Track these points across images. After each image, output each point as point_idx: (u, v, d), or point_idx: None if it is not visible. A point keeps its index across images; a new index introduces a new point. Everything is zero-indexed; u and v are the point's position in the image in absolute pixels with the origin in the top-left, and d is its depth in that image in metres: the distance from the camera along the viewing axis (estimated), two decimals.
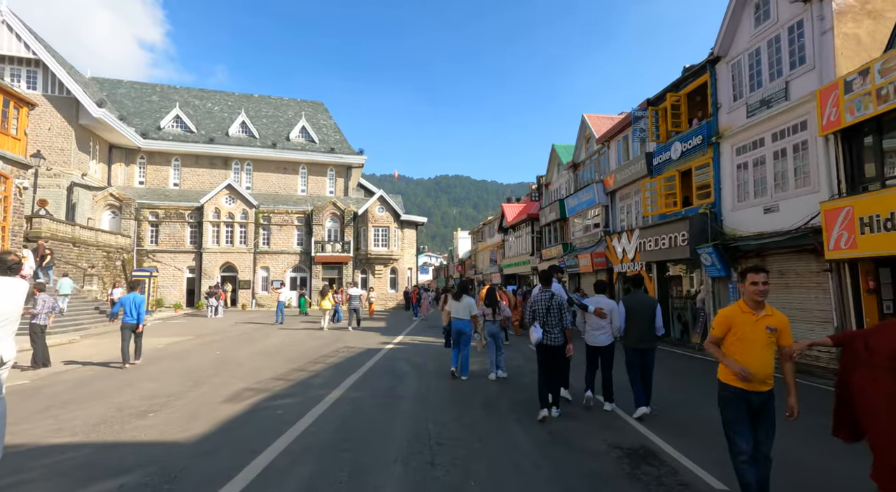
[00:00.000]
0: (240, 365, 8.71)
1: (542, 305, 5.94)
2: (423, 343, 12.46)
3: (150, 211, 29.28)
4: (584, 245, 20.93)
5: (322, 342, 12.26)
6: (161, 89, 36.94)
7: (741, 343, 3.37)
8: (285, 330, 16.02)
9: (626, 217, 18.00)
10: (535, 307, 5.97)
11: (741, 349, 3.35)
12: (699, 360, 10.72)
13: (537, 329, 5.80)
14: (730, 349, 3.41)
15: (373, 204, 32.53)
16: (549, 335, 5.76)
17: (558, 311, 5.87)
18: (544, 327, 5.80)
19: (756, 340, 3.33)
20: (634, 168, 16.54)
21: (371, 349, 10.91)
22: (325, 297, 18.20)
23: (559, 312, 5.86)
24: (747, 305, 3.41)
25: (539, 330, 5.79)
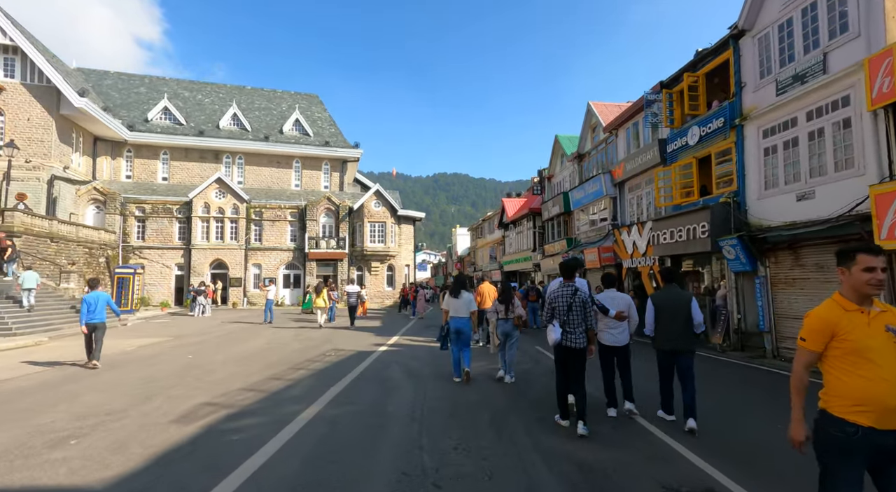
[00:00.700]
0: (209, 372, 7.62)
1: (562, 302, 5.10)
2: (419, 345, 11.38)
3: (136, 206, 28.11)
4: (590, 240, 19.86)
5: (309, 344, 11.18)
6: (149, 81, 35.71)
7: (859, 357, 2.22)
8: (274, 330, 14.93)
9: (637, 209, 16.93)
10: (555, 304, 5.15)
11: (861, 366, 2.21)
12: (725, 363, 9.66)
13: (556, 329, 5.02)
14: (838, 370, 2.29)
15: (369, 199, 31.41)
16: (570, 336, 4.98)
17: (582, 309, 5.04)
18: (564, 327, 5.02)
19: (881, 348, 2.20)
20: (646, 156, 15.46)
21: (362, 352, 9.83)
22: (320, 294, 17.22)
23: (583, 310, 5.04)
24: (850, 300, 2.33)
25: (558, 330, 5.02)
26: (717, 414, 5.46)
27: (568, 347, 4.98)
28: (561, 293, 5.16)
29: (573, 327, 4.98)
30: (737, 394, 6.78)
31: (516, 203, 33.17)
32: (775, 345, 10.37)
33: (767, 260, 10.65)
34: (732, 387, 7.33)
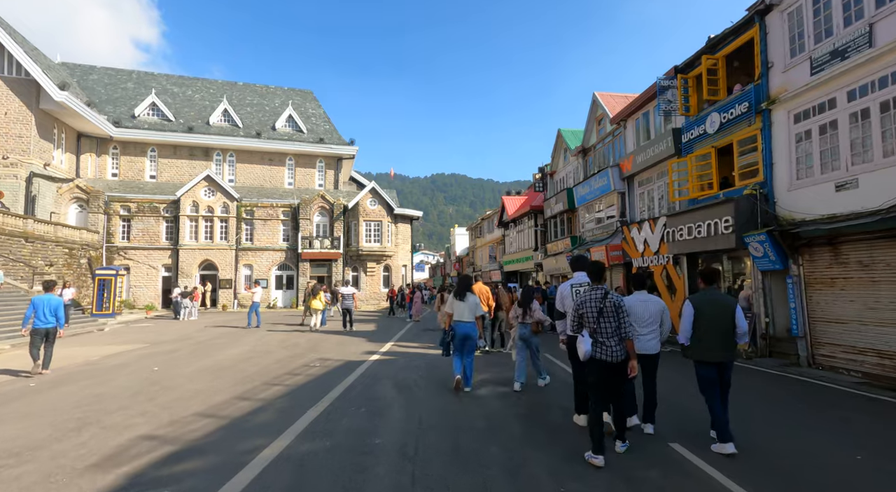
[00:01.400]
0: (169, 389, 6.54)
1: (591, 307, 4.27)
2: (414, 352, 10.30)
3: (121, 204, 26.96)
4: (596, 238, 18.82)
5: (294, 352, 10.09)
6: (137, 76, 34.57)
7: None
8: (260, 335, 13.84)
9: (648, 205, 15.89)
10: (583, 310, 4.32)
11: None
12: (754, 372, 8.61)
13: (586, 340, 4.22)
14: None
15: (364, 197, 30.34)
16: (603, 348, 4.19)
17: (615, 315, 4.23)
18: (595, 337, 4.23)
19: None
20: (658, 148, 14.42)
21: (351, 363, 8.75)
22: (317, 296, 16.20)
23: (616, 317, 4.22)
24: None
25: (588, 341, 4.21)
26: (754, 427, 4.41)
27: (603, 362, 4.15)
28: (589, 297, 4.32)
29: (606, 337, 4.17)
30: (773, 405, 5.73)
31: (517, 201, 32.13)
32: (811, 352, 9.33)
33: (801, 257, 9.62)
34: (774, 401, 6.29)
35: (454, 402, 5.88)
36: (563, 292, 5.01)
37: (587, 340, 4.18)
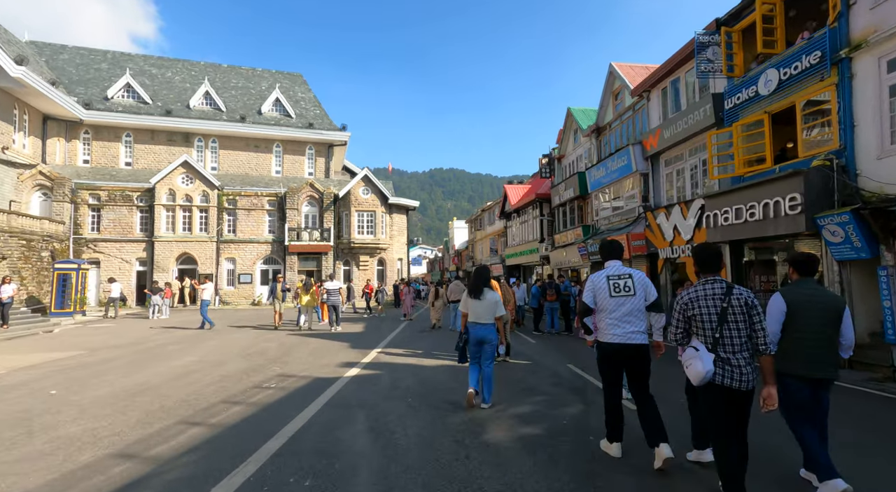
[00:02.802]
0: (44, 430, 4.48)
1: (709, 309, 3.06)
2: (406, 364, 8.21)
3: (90, 193, 24.74)
4: (613, 226, 16.74)
5: (251, 365, 7.99)
6: (112, 56, 32.19)
7: None
8: (224, 338, 11.76)
9: (676, 186, 13.80)
10: (694, 312, 3.12)
11: None
12: (836, 388, 6.55)
13: (703, 355, 2.99)
14: None
15: (356, 185, 28.17)
16: (728, 368, 2.95)
17: (746, 318, 3.00)
18: (716, 350, 3.00)
19: None
20: (693, 118, 12.30)
21: (319, 382, 6.65)
22: (309, 291, 14.28)
23: (748, 321, 3.00)
24: None
25: (708, 357, 2.98)
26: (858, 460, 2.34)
27: (730, 390, 2.95)
28: (704, 294, 3.11)
29: (733, 351, 2.99)
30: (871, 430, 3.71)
31: (520, 190, 30.02)
32: None
33: None
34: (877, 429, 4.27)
35: (456, 457, 3.80)
36: (596, 284, 3.91)
37: (706, 357, 2.96)
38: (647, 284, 3.84)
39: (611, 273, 3.90)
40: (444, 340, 11.47)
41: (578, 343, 11.25)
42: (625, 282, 3.80)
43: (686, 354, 3.11)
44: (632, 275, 3.84)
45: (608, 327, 3.78)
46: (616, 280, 3.83)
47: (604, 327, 3.82)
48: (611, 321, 3.76)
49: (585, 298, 3.94)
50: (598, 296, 3.86)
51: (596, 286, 3.89)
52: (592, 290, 3.90)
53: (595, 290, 3.89)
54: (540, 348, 10.36)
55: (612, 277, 3.86)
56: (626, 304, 3.73)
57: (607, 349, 3.79)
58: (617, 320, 3.73)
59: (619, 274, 3.86)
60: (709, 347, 3.03)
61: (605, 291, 3.82)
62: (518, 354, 9.05)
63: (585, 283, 4.11)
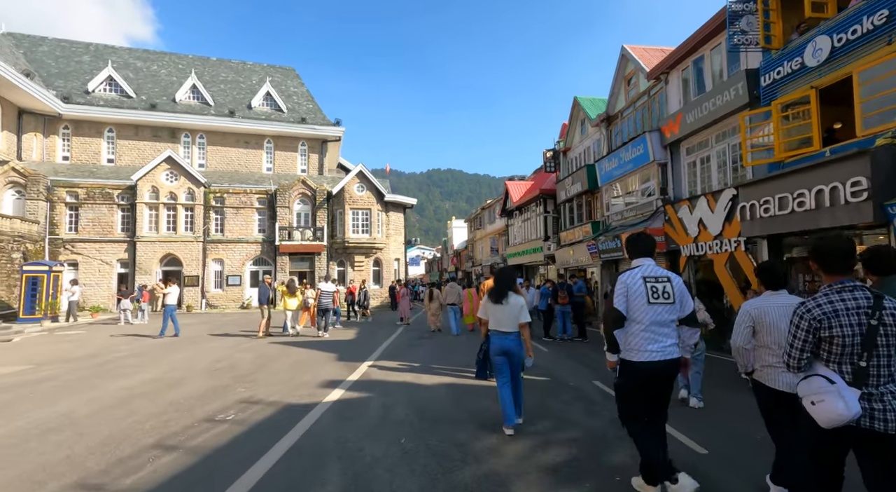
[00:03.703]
0: None
1: (852, 328, 2.18)
2: (401, 383, 6.87)
3: (67, 190, 23.31)
4: (627, 222, 15.44)
5: (214, 385, 6.64)
6: (95, 49, 30.78)
7: None
8: (195, 350, 10.41)
9: (701, 176, 12.50)
10: (833, 332, 2.20)
11: None
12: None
13: (844, 392, 2.13)
14: None
15: (350, 181, 26.81)
16: (879, 406, 2.12)
17: None
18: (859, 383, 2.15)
19: None
20: (721, 99, 11.00)
21: (291, 410, 5.30)
22: (295, 294, 12.99)
23: None
24: None
25: (851, 394, 2.12)
26: None
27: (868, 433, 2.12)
28: (845, 307, 2.19)
29: (878, 384, 2.13)
30: None
31: (522, 186, 28.71)
32: None
33: None
34: None
35: None
36: (630, 287, 3.11)
37: (847, 394, 2.10)
38: (684, 293, 3.16)
39: (647, 274, 3.15)
40: (445, 349, 10.14)
41: (597, 351, 9.93)
42: (664, 286, 3.10)
43: (813, 387, 2.22)
44: (670, 278, 3.15)
45: (643, 342, 3.03)
46: (654, 283, 3.09)
47: (636, 343, 3.06)
48: (647, 335, 3.03)
49: (618, 304, 3.11)
50: (633, 302, 3.08)
51: (631, 290, 3.10)
52: (626, 294, 3.11)
53: (630, 294, 3.09)
54: (555, 358, 9.03)
55: (650, 279, 3.12)
56: (664, 314, 3.05)
57: (641, 371, 3.04)
58: (655, 333, 3.03)
59: (656, 276, 3.14)
60: (847, 378, 2.18)
61: (643, 296, 3.06)
62: (534, 368, 7.71)
63: (617, 284, 3.25)
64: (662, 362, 3.00)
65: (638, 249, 3.32)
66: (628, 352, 3.08)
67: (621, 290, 3.13)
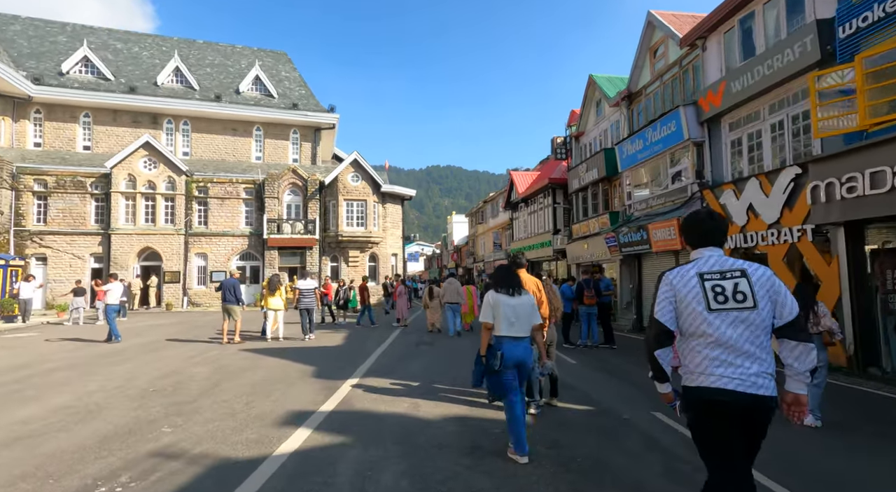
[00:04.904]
0: None
1: None
2: (393, 414, 5.07)
3: (34, 178, 21.42)
4: (654, 211, 13.64)
5: (133, 419, 4.81)
6: (72, 29, 28.78)
7: None
8: (143, 361, 8.60)
9: (748, 155, 10.68)
10: None
11: None
12: None
13: None
14: None
15: (344, 170, 24.95)
16: None
17: None
18: None
19: None
20: (781, 59, 9.17)
21: (220, 474, 3.49)
22: (277, 292, 11.37)
23: None
24: None
25: None
26: None
27: None
28: None
29: None
30: None
31: (528, 177, 26.89)
32: None
33: None
34: None
35: None
36: (678, 289, 2.17)
37: None
38: (776, 288, 2.08)
39: (706, 269, 2.15)
40: (448, 359, 8.35)
41: (635, 363, 8.13)
42: (734, 283, 2.08)
43: None
44: (745, 271, 2.10)
45: (708, 365, 2.06)
46: (717, 281, 2.10)
47: (696, 364, 2.11)
48: (714, 355, 2.05)
49: (661, 315, 2.15)
50: (684, 310, 2.12)
51: (679, 292, 2.15)
52: (672, 298, 2.16)
53: (677, 299, 2.15)
54: (589, 375, 7.24)
55: (710, 275, 2.12)
56: (739, 323, 2.03)
57: (705, 403, 2.05)
58: (727, 354, 2.02)
59: (721, 270, 2.13)
60: None
61: (699, 300, 2.09)
62: (565, 388, 5.90)
63: (659, 286, 2.25)
64: (741, 396, 2.00)
65: (701, 235, 2.28)
66: (689, 375, 2.17)
67: (666, 294, 2.20)
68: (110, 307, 10.83)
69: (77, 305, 15.12)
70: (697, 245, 2.27)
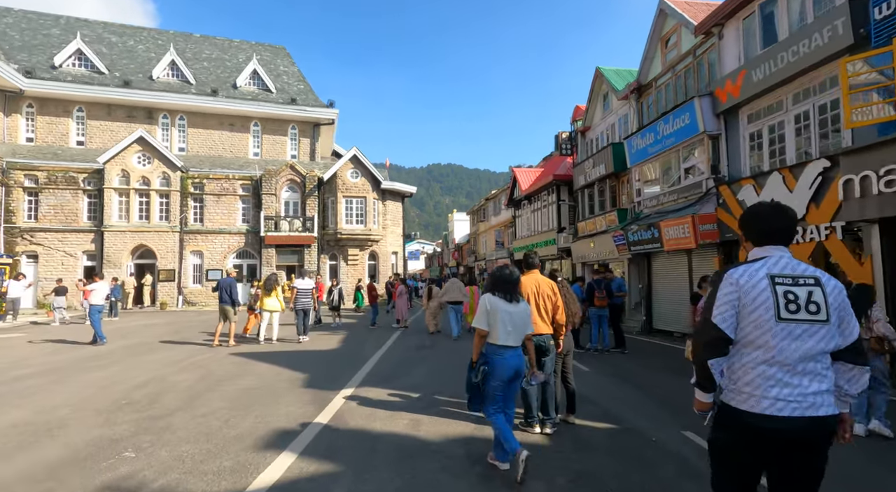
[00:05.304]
0: None
1: None
2: (391, 434, 4.52)
3: (25, 173, 20.86)
4: (666, 208, 13.05)
5: (98, 437, 4.25)
6: (66, 21, 28.20)
7: None
8: (120, 366, 8.05)
9: (769, 148, 10.08)
10: None
11: None
12: None
13: None
14: None
15: (343, 166, 24.36)
16: None
17: None
18: None
19: None
20: (810, 44, 8.56)
21: None
22: (273, 292, 10.73)
23: None
24: None
25: None
26: None
27: None
28: None
29: None
30: None
31: (532, 173, 26.31)
32: None
33: None
34: None
35: None
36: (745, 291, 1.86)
37: None
38: (844, 304, 1.83)
39: (778, 271, 1.85)
40: (452, 365, 7.77)
41: (651, 368, 7.56)
42: (808, 292, 1.81)
43: None
44: (819, 279, 1.84)
45: (762, 383, 1.79)
46: (790, 287, 1.81)
47: (750, 380, 1.82)
48: (772, 372, 1.78)
49: (722, 320, 1.84)
50: (748, 315, 1.83)
51: (745, 294, 1.83)
52: (736, 302, 1.85)
53: (743, 302, 1.83)
54: (603, 383, 6.68)
55: (782, 278, 1.83)
56: (808, 337, 1.78)
57: (752, 429, 1.80)
58: (789, 371, 1.77)
59: (793, 275, 1.84)
60: None
61: (767, 306, 1.80)
62: (580, 401, 5.30)
63: (720, 285, 1.90)
64: (798, 421, 1.72)
65: (762, 230, 1.97)
66: (733, 393, 1.85)
67: (730, 296, 1.85)
68: (94, 308, 10.26)
69: (59, 304, 14.55)
70: (761, 242, 1.98)
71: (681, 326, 12.68)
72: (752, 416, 1.79)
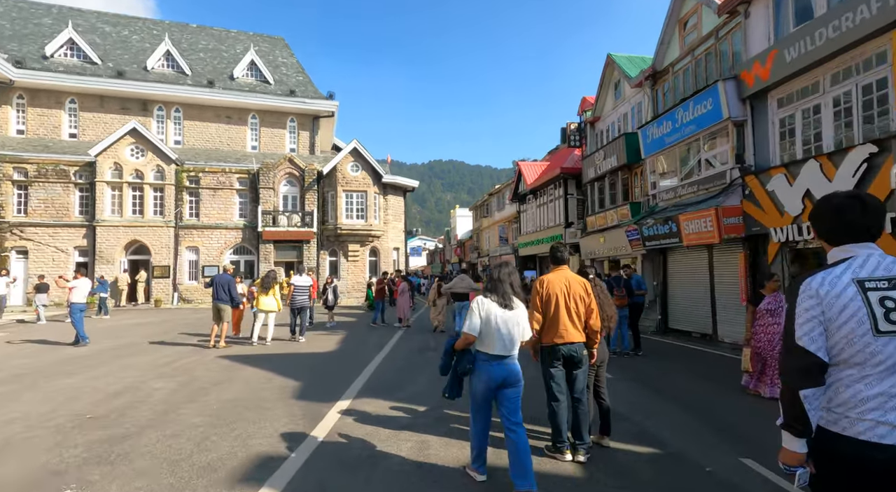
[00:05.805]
0: None
1: None
2: (399, 460, 3.88)
3: (14, 166, 20.17)
4: (684, 201, 12.29)
5: (38, 468, 3.58)
6: (58, 10, 27.41)
7: None
8: (97, 372, 7.37)
9: (804, 135, 9.30)
10: None
11: None
12: None
13: None
14: None
15: (343, 160, 23.61)
16: None
17: None
18: None
19: None
20: (854, 17, 7.77)
21: None
22: (270, 291, 10.07)
23: None
24: None
25: None
26: None
27: None
28: None
29: None
30: None
31: (537, 167, 25.55)
32: None
33: None
34: None
35: None
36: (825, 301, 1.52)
37: None
38: None
39: (865, 274, 1.53)
40: None
41: (674, 372, 6.83)
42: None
43: None
44: None
45: (855, 406, 1.50)
46: (886, 292, 1.48)
47: (839, 403, 1.53)
48: (868, 393, 1.48)
49: (809, 341, 1.52)
50: (836, 331, 1.51)
51: (829, 307, 1.52)
52: (820, 316, 1.52)
53: (828, 316, 1.52)
54: (632, 393, 5.96)
55: (874, 282, 1.51)
56: None
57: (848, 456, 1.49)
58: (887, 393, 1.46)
59: (890, 276, 1.50)
60: None
61: (860, 319, 1.48)
62: (613, 417, 4.58)
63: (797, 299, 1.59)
64: None
65: (842, 228, 1.60)
66: (833, 418, 1.53)
67: (812, 310, 1.53)
68: (75, 306, 9.57)
69: (41, 301, 13.88)
70: (840, 241, 1.63)
71: (699, 325, 11.97)
72: (853, 442, 1.47)
